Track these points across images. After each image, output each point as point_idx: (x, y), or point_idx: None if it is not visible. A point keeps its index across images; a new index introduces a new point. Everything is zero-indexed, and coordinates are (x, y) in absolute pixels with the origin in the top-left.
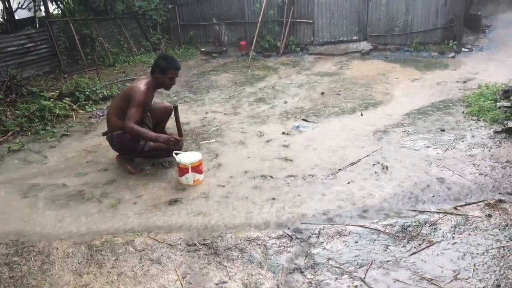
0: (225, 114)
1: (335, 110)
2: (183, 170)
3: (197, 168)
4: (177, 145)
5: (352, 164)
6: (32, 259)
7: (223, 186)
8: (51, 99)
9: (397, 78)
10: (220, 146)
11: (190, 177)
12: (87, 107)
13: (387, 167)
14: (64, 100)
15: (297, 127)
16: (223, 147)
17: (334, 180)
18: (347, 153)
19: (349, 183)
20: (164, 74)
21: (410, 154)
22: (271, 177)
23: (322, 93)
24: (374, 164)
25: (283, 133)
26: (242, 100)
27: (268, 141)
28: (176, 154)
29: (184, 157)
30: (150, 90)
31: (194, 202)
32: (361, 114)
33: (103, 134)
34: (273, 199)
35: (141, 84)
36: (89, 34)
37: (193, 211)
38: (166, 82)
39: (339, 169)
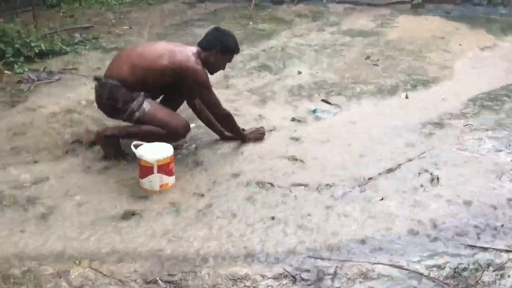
0: (213, 86)
1: (369, 88)
2: (145, 170)
3: (166, 168)
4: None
5: (389, 171)
6: None
7: (202, 195)
8: None
9: (460, 45)
10: (201, 134)
11: (155, 180)
12: (16, 66)
13: (438, 178)
14: None
15: (314, 111)
16: (206, 137)
17: (361, 193)
18: (382, 154)
19: (382, 199)
20: (225, 55)
21: (472, 161)
22: (272, 184)
23: (368, 57)
24: (420, 173)
25: (293, 119)
26: (238, 66)
27: (270, 130)
28: (136, 146)
29: (147, 151)
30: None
31: (159, 217)
32: (406, 96)
33: (95, 78)
34: (272, 218)
35: (194, 61)
36: None
37: (156, 230)
38: (221, 65)
39: (370, 178)
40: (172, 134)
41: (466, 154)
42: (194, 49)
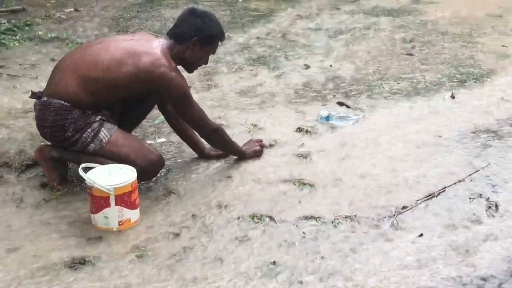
0: (189, 87)
1: (402, 85)
2: (99, 202)
3: (127, 199)
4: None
5: (430, 196)
6: None
7: (177, 234)
8: None
9: None
10: (176, 151)
11: (112, 215)
12: None
13: (496, 206)
14: None
15: (327, 118)
16: (180, 155)
17: (393, 228)
18: (420, 175)
19: (421, 235)
20: (206, 47)
21: None
22: (272, 219)
23: (412, 41)
24: (471, 198)
25: (299, 129)
26: (224, 60)
27: (270, 145)
28: (86, 169)
29: (102, 176)
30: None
31: (119, 266)
32: (452, 96)
33: (33, 94)
34: (273, 263)
35: (166, 62)
36: None
37: (112, 285)
38: (201, 59)
39: (404, 207)
40: (139, 173)
41: None
42: (163, 42)
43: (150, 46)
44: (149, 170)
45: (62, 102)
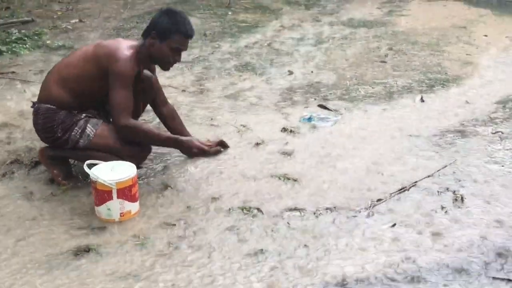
0: (183, 91)
1: (376, 90)
2: (102, 195)
3: (127, 192)
4: (210, 153)
5: (402, 190)
6: None
7: (173, 225)
8: None
9: (486, 36)
10: (172, 149)
11: (114, 207)
12: None
13: (462, 198)
14: None
15: (309, 119)
16: (176, 152)
17: (369, 219)
18: (394, 171)
19: (394, 225)
20: (164, 41)
21: (503, 176)
22: (259, 210)
23: (389, 50)
24: (440, 192)
25: (284, 129)
26: (215, 66)
27: (257, 143)
28: (90, 165)
29: (105, 171)
30: (137, 62)
31: (121, 253)
32: (422, 100)
33: (33, 105)
34: (261, 251)
35: (125, 49)
36: None
37: (114, 271)
38: (166, 55)
39: (378, 200)
40: (128, 159)
41: (496, 167)
42: (135, 41)
43: (119, 42)
44: (138, 155)
45: (48, 105)
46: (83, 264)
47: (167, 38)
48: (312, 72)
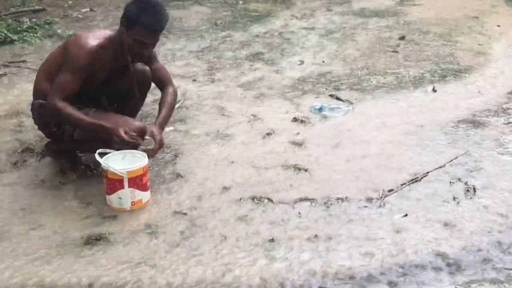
0: (194, 80)
1: (388, 80)
2: (113, 184)
3: (139, 181)
4: (130, 145)
5: (414, 180)
6: None
7: (184, 214)
8: None
9: (499, 26)
10: (183, 139)
11: (126, 196)
12: None
13: (474, 189)
14: None
15: (320, 109)
16: (187, 142)
17: (380, 209)
18: (405, 161)
19: (406, 215)
20: (129, 30)
21: None
22: (270, 200)
23: (402, 38)
24: (452, 183)
25: (295, 119)
26: (226, 55)
27: (268, 134)
28: (102, 154)
29: (116, 160)
30: (105, 49)
31: (132, 241)
32: (434, 90)
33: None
34: (272, 240)
35: (92, 37)
36: None
37: (128, 258)
38: (130, 46)
39: (390, 190)
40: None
41: (508, 158)
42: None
43: (93, 32)
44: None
45: (40, 101)
46: (94, 252)
47: (130, 28)
48: (323, 62)
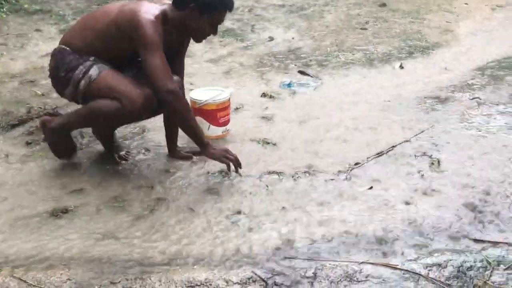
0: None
1: (356, 56)
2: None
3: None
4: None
5: (380, 154)
6: None
7: (152, 187)
8: None
9: (466, 4)
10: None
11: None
12: None
13: (439, 162)
14: None
15: (289, 85)
16: (152, 119)
17: (346, 182)
18: (372, 135)
19: (371, 188)
20: (205, 15)
21: (480, 140)
22: (238, 173)
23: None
24: (417, 156)
25: (264, 95)
26: None
27: (237, 108)
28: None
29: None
30: (162, 28)
31: (99, 214)
32: (401, 66)
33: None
34: (238, 213)
35: (145, 12)
36: None
37: (94, 230)
38: (203, 29)
39: (356, 164)
40: (127, 107)
41: (473, 133)
42: (161, 5)
43: (146, 4)
44: (138, 102)
45: (63, 46)
46: (60, 224)
47: (207, 13)
48: (293, 38)
